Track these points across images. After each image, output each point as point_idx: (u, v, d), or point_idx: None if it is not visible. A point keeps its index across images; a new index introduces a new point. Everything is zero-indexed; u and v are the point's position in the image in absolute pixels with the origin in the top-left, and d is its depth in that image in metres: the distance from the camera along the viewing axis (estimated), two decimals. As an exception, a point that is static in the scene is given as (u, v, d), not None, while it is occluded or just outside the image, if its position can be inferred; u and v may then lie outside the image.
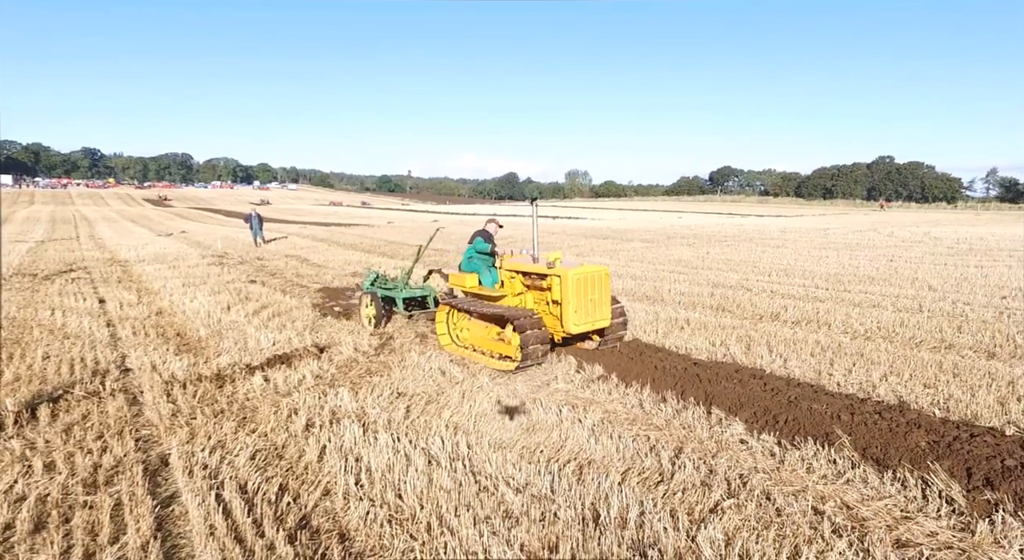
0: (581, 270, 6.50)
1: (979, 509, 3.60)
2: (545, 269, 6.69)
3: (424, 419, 5.10)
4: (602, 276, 6.67)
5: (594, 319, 6.66)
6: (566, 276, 6.38)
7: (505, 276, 7.27)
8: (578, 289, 6.43)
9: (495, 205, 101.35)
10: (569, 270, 6.42)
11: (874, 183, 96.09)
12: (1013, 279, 12.20)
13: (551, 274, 6.60)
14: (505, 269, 7.27)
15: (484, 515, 3.53)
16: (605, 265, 6.88)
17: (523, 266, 7.06)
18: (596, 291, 6.62)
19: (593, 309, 6.62)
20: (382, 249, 21.86)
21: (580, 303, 6.47)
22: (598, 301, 6.65)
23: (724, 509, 3.63)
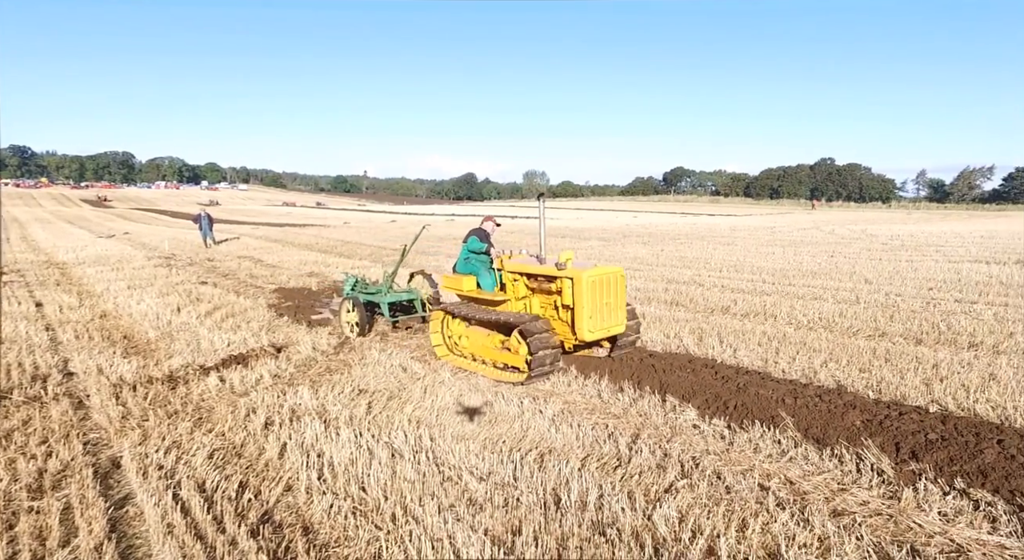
0: (596, 272, 5.92)
1: (905, 478, 3.91)
2: (554, 271, 6.06)
3: (386, 414, 5.12)
4: (617, 278, 6.12)
5: (609, 325, 6.09)
6: (580, 278, 5.80)
7: (507, 279, 6.63)
8: (592, 292, 5.86)
9: (453, 205, 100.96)
10: (583, 272, 5.83)
11: (816, 184, 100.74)
12: (939, 272, 13.09)
13: (561, 276, 6.00)
14: (507, 271, 6.63)
15: (448, 503, 3.61)
16: (619, 266, 6.30)
17: (528, 267, 6.44)
18: (611, 294, 6.05)
19: (608, 314, 6.05)
20: (339, 249, 21.52)
21: (595, 308, 5.90)
22: (613, 305, 6.09)
23: (678, 489, 3.82)
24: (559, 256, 6.06)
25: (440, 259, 17.79)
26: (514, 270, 6.57)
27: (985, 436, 4.44)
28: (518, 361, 6.06)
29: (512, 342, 6.13)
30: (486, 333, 6.60)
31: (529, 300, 6.58)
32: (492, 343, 6.47)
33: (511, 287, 6.60)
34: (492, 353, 6.46)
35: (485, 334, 6.60)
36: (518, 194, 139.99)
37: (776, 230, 30.10)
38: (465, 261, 7.08)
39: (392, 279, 8.72)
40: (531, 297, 6.57)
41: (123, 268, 15.67)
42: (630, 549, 3.18)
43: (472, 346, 6.79)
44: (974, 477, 3.90)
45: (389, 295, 8.48)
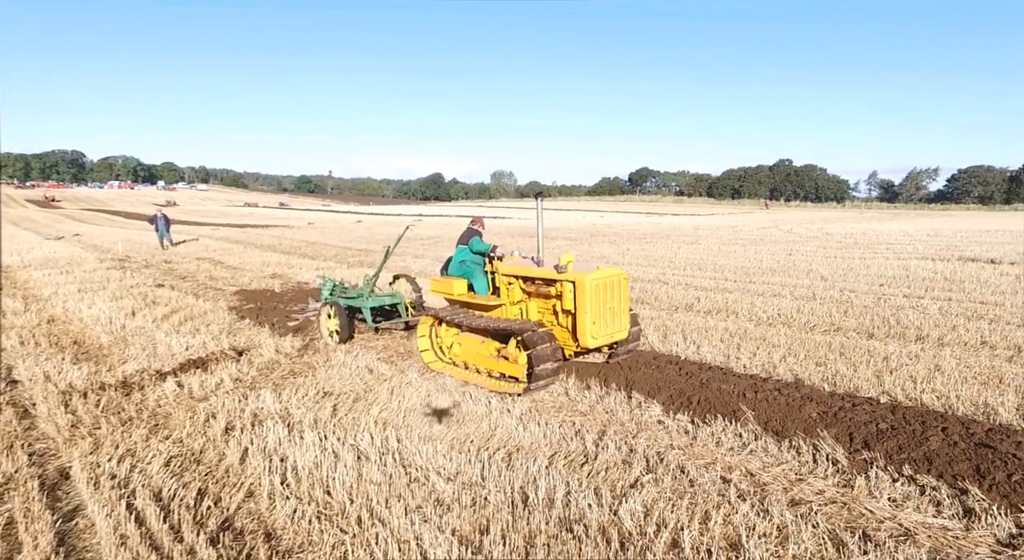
0: (598, 275, 5.65)
1: (858, 467, 4.07)
2: (554, 274, 5.77)
3: (352, 416, 5.05)
4: (620, 281, 5.85)
5: (612, 330, 5.83)
6: (582, 282, 5.53)
7: (502, 282, 6.32)
8: (595, 297, 5.59)
9: (420, 205, 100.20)
10: (586, 275, 5.55)
11: (775, 184, 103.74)
12: (889, 269, 13.66)
13: (562, 280, 5.72)
14: (502, 274, 6.31)
15: (415, 505, 3.58)
16: (621, 268, 6.10)
17: (525, 270, 6.13)
18: (614, 298, 5.79)
19: (612, 319, 5.79)
20: (303, 250, 21.09)
21: (598, 313, 5.64)
22: (617, 310, 5.82)
23: (643, 484, 3.88)
24: (559, 258, 5.75)
25: (407, 260, 17.63)
26: (510, 273, 6.27)
27: (930, 424, 4.66)
28: (517, 370, 5.71)
29: (510, 350, 5.82)
30: (480, 340, 6.22)
31: (525, 305, 6.29)
32: (487, 351, 6.11)
33: (505, 291, 6.31)
34: (487, 362, 6.08)
35: (479, 341, 6.22)
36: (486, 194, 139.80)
37: (737, 229, 30.88)
38: (460, 264, 6.73)
39: (374, 282, 8.30)
40: (527, 301, 6.28)
41: (73, 271, 15.00)
42: (596, 545, 3.22)
43: (465, 354, 6.39)
44: (920, 464, 4.09)
45: (371, 299, 8.04)
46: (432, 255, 18.72)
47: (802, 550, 3.15)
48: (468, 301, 6.50)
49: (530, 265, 6.22)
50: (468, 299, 6.49)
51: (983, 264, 14.18)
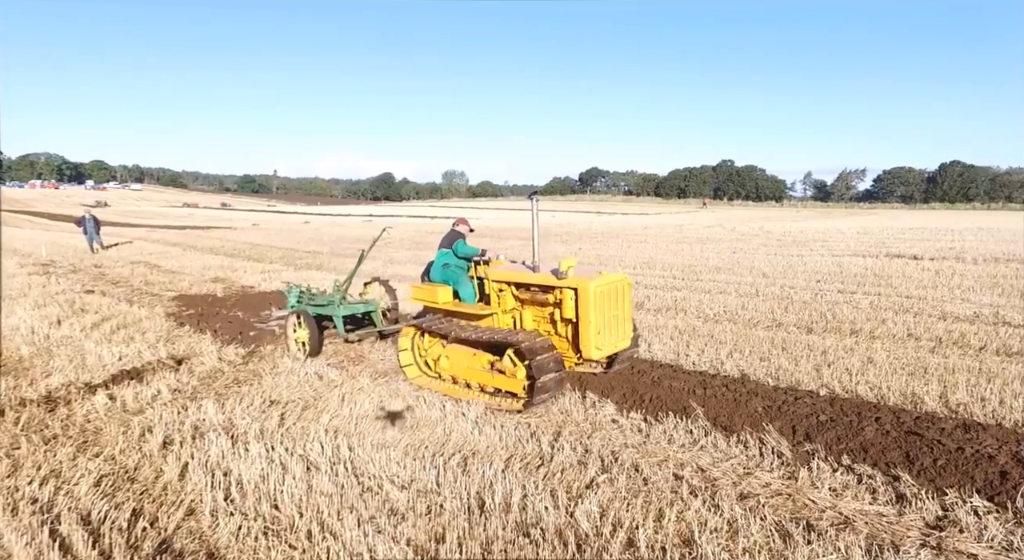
0: (603, 281, 5.27)
1: (801, 459, 4.24)
2: (553, 280, 5.39)
3: (301, 425, 4.87)
4: (624, 287, 5.52)
5: (616, 340, 5.48)
6: (586, 289, 5.15)
7: (492, 289, 5.91)
8: (599, 304, 5.22)
9: (371, 206, 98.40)
10: (590, 281, 5.17)
11: (719, 183, 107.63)
12: (824, 265, 14.38)
13: (562, 287, 5.33)
14: (492, 280, 5.89)
15: (369, 515, 3.48)
16: (624, 273, 5.73)
17: (519, 276, 5.72)
18: (618, 305, 5.45)
19: (616, 327, 5.45)
20: (248, 253, 20.30)
21: (602, 321, 5.27)
22: (621, 317, 5.49)
23: (599, 484, 3.91)
24: (559, 264, 5.35)
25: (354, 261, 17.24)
26: (501, 279, 5.84)
27: (865, 415, 4.92)
28: (514, 385, 5.34)
29: (505, 364, 5.41)
30: (471, 352, 5.76)
31: (518, 313, 5.86)
32: (478, 364, 5.67)
33: (496, 298, 5.88)
34: (479, 376, 5.65)
35: (470, 354, 5.76)
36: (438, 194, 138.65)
37: (684, 228, 31.82)
38: (443, 268, 6.29)
39: (346, 288, 7.73)
40: (520, 310, 5.85)
41: (-11, 276, 13.88)
42: (554, 548, 3.22)
43: (453, 367, 5.91)
44: (857, 453, 4.30)
45: (344, 307, 7.46)
46: (383, 256, 18.38)
47: (751, 543, 3.24)
48: (455, 310, 6.02)
49: (524, 271, 5.78)
50: (454, 307, 6.01)
51: (907, 260, 15.14)
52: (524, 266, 5.95)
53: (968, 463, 4.04)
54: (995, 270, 12.87)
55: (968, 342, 7.08)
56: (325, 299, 7.66)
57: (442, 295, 6.07)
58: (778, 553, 3.15)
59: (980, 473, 3.91)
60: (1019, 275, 12.07)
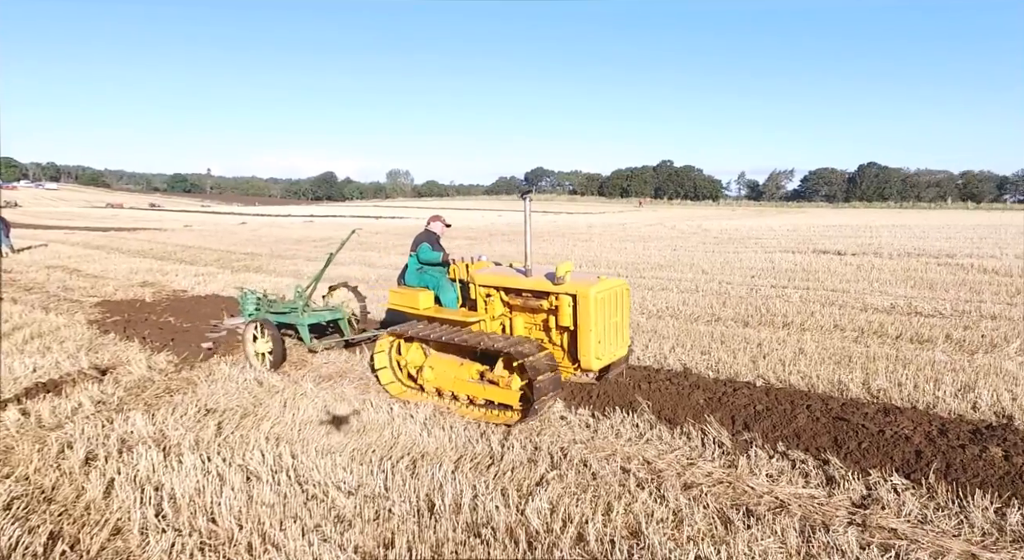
0: (603, 286, 5.00)
1: (740, 447, 4.42)
2: (548, 285, 5.10)
3: (240, 434, 4.66)
4: (623, 292, 5.28)
5: (615, 349, 5.26)
6: (586, 295, 4.87)
7: (479, 294, 5.60)
8: (600, 311, 4.95)
9: (312, 206, 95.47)
10: (590, 287, 4.90)
11: (659, 183, 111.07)
12: (758, 261, 15.09)
13: (559, 292, 5.04)
14: (480, 285, 5.57)
15: (314, 524, 3.37)
16: (623, 279, 5.53)
17: (510, 281, 5.41)
18: (617, 312, 5.21)
19: (615, 335, 5.22)
20: (180, 255, 19.25)
21: (602, 330, 5.01)
22: (620, 325, 5.26)
23: (548, 481, 3.94)
24: (557, 268, 5.05)
25: (298, 263, 16.70)
26: (490, 284, 5.51)
27: (798, 403, 5.19)
28: (508, 397, 5.07)
29: (498, 374, 5.15)
30: (458, 362, 5.49)
31: (508, 320, 5.56)
32: (466, 374, 5.37)
33: (483, 303, 5.58)
34: (468, 387, 5.34)
35: (457, 363, 5.48)
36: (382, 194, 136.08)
37: (627, 226, 32.61)
38: (418, 272, 5.95)
39: (310, 294, 7.24)
40: (510, 316, 5.55)
41: None
42: (505, 547, 3.21)
43: (438, 378, 5.58)
44: (791, 440, 4.53)
45: (309, 315, 6.97)
46: (326, 257, 17.87)
47: (695, 531, 3.35)
48: (438, 316, 5.68)
49: (514, 275, 5.49)
50: (438, 314, 5.69)
51: (832, 255, 16.10)
52: (514, 269, 5.64)
53: (888, 444, 4.33)
54: (908, 264, 13.89)
55: (886, 331, 7.60)
56: (286, 306, 7.17)
57: (423, 300, 5.73)
58: (720, 539, 3.27)
59: (898, 453, 4.20)
60: (928, 269, 13.07)
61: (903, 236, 22.31)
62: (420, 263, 5.93)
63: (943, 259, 14.58)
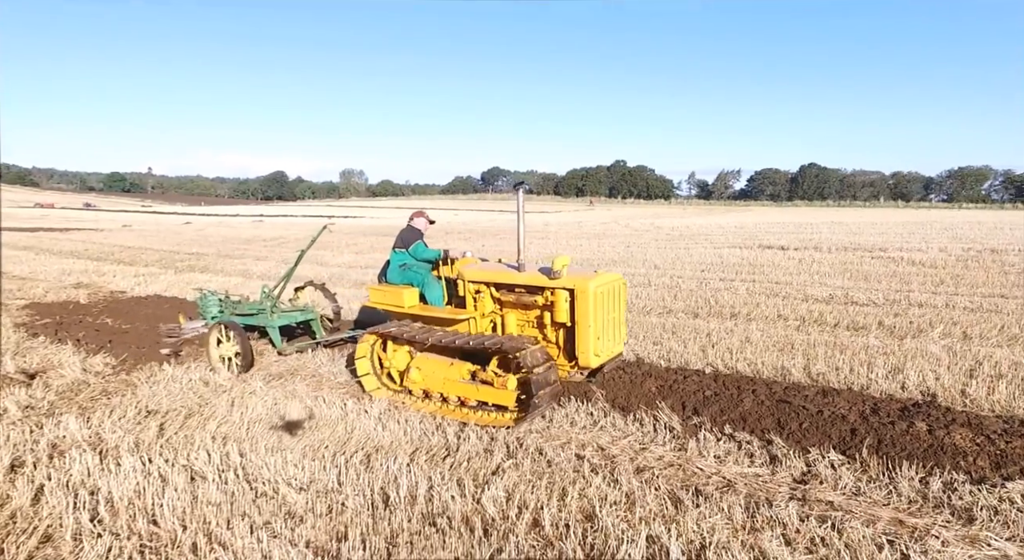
0: (601, 280, 4.89)
1: (689, 431, 4.56)
2: (543, 280, 4.95)
3: (184, 434, 4.48)
4: (620, 287, 5.18)
5: (612, 345, 5.14)
6: (585, 290, 4.74)
7: (467, 290, 5.37)
8: (598, 306, 4.83)
9: (262, 206, 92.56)
10: (588, 281, 4.78)
11: (613, 183, 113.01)
12: (707, 257, 15.58)
13: (555, 287, 4.89)
14: (468, 281, 5.36)
15: (263, 520, 3.28)
16: (618, 273, 5.38)
17: (502, 276, 5.22)
18: (615, 307, 5.10)
19: (613, 331, 5.12)
20: (118, 256, 18.31)
21: (601, 325, 4.90)
22: (617, 320, 5.17)
23: (504, 470, 3.96)
24: (553, 262, 4.86)
25: (247, 262, 16.17)
26: (479, 280, 5.32)
27: (744, 388, 5.39)
28: (504, 398, 4.85)
29: (490, 374, 4.97)
30: (448, 362, 5.24)
31: (500, 317, 5.38)
32: (457, 375, 5.13)
33: (473, 300, 5.37)
34: (460, 388, 5.09)
35: (446, 364, 5.23)
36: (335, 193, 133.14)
37: (582, 225, 33.07)
38: (401, 269, 5.71)
39: (279, 293, 6.87)
40: (501, 313, 5.37)
41: None
42: (460, 535, 3.21)
43: (426, 380, 5.31)
44: (738, 422, 4.70)
45: (279, 316, 6.63)
46: (276, 256, 17.38)
47: (647, 512, 3.43)
48: (424, 314, 5.45)
49: (506, 270, 5.32)
50: (424, 312, 5.45)
51: (776, 250, 16.80)
52: (505, 265, 5.50)
53: (826, 424, 4.55)
54: (844, 257, 14.64)
55: (825, 320, 7.99)
56: (253, 307, 6.81)
57: (408, 298, 5.47)
58: (671, 518, 3.36)
59: (836, 431, 4.43)
60: (863, 262, 13.82)
61: (840, 232, 23.48)
62: (416, 260, 5.68)
63: (876, 253, 15.44)
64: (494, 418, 4.82)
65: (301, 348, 6.77)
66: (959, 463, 3.88)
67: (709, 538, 3.12)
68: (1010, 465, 3.82)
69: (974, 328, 7.26)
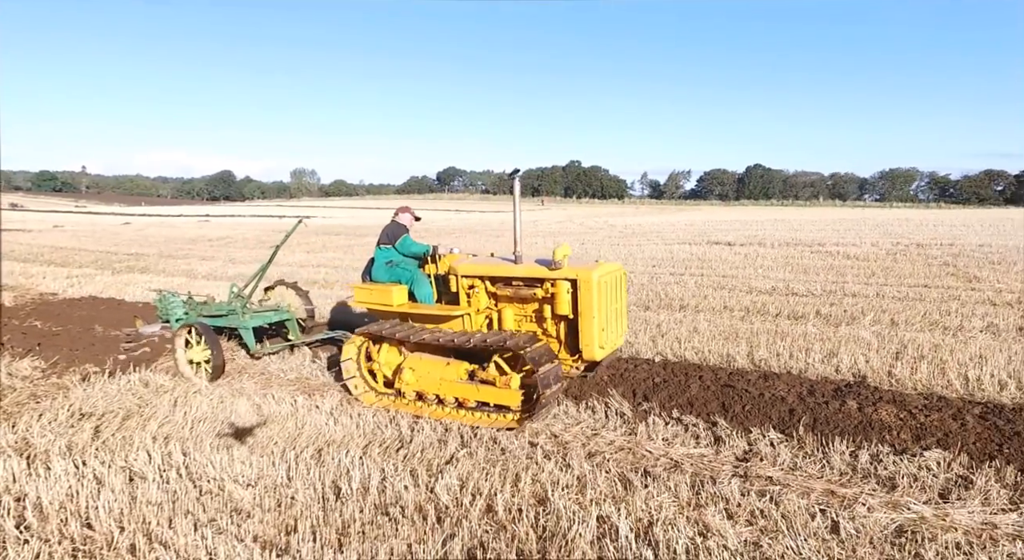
0: (603, 270, 4.74)
1: (639, 416, 4.70)
2: (544, 272, 4.80)
3: (122, 436, 4.29)
4: (621, 278, 5.06)
5: (615, 337, 5.01)
6: (588, 280, 4.60)
7: (460, 286, 5.17)
8: (601, 297, 4.69)
9: (208, 206, 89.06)
10: (592, 270, 4.65)
11: (569, 183, 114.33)
12: (658, 253, 16.00)
13: (556, 278, 4.73)
14: (462, 276, 5.16)
15: (208, 518, 3.18)
16: (618, 263, 5.22)
17: (499, 269, 5.05)
18: (617, 298, 4.97)
19: (615, 323, 4.99)
20: (48, 257, 17.27)
21: (605, 317, 4.75)
22: (619, 311, 5.04)
23: (459, 459, 3.98)
24: (554, 253, 4.73)
25: (192, 262, 15.56)
26: (474, 274, 5.14)
27: (691, 374, 5.58)
28: (507, 397, 4.68)
29: (491, 373, 4.78)
30: (444, 362, 5.02)
31: (495, 312, 5.18)
32: (454, 375, 4.93)
33: (466, 296, 5.17)
34: (458, 389, 4.89)
35: (442, 364, 5.01)
36: (286, 193, 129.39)
37: (538, 223, 33.30)
38: (387, 266, 5.48)
39: (251, 293, 6.56)
40: (496, 308, 5.17)
41: None
42: (413, 523, 3.21)
43: (421, 381, 5.08)
44: (685, 407, 4.87)
45: (252, 317, 6.27)
46: (223, 256, 16.79)
47: (598, 494, 3.52)
48: (414, 312, 5.21)
49: (501, 263, 5.15)
50: (414, 310, 5.21)
51: (723, 246, 17.41)
52: (500, 258, 5.33)
53: (767, 405, 4.77)
54: (787, 252, 15.32)
55: (767, 310, 8.35)
56: (222, 308, 6.48)
57: (397, 296, 5.21)
58: (620, 498, 3.46)
59: (775, 412, 4.65)
60: (803, 256, 14.50)
61: (783, 229, 24.53)
62: (403, 255, 5.47)
63: (815, 247, 16.22)
64: (496, 419, 4.64)
65: (276, 350, 6.45)
66: (885, 437, 4.15)
67: (657, 515, 3.22)
68: (928, 437, 4.11)
69: (900, 315, 7.75)
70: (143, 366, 6.10)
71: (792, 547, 2.91)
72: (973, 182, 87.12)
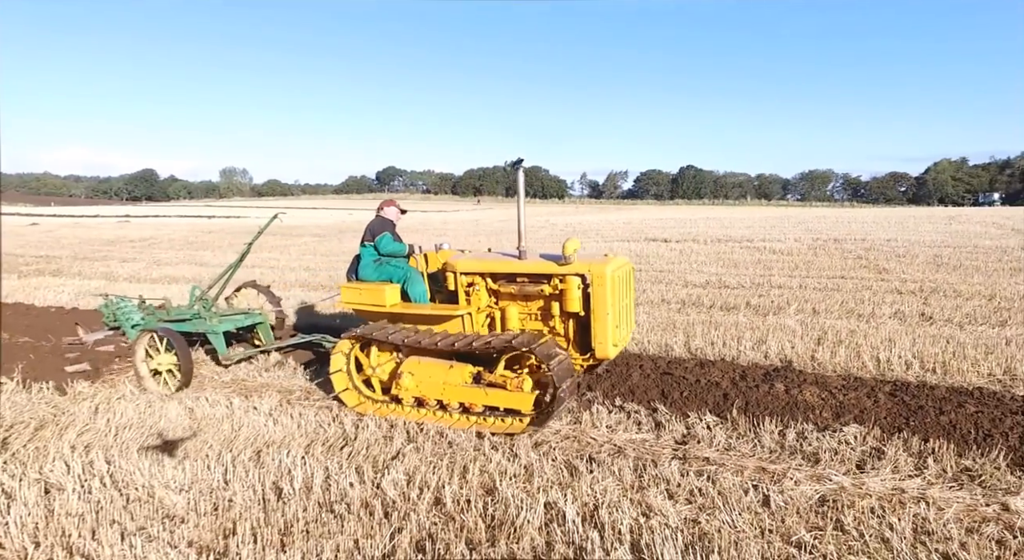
0: (615, 265, 4.57)
1: (583, 406, 4.81)
2: (552, 267, 4.58)
3: (36, 446, 3.97)
4: (630, 273, 4.93)
5: (625, 334, 4.86)
6: (602, 275, 4.40)
7: (460, 283, 4.89)
8: (614, 293, 4.51)
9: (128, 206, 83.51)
10: (604, 265, 4.46)
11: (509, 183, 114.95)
12: (600, 250, 16.05)
13: (566, 274, 4.52)
14: (461, 273, 4.88)
15: (137, 526, 3.00)
16: (625, 258, 5.02)
17: (502, 265, 4.80)
18: (626, 294, 4.84)
19: (626, 319, 4.84)
20: (-61, 259, 15.65)
21: (617, 313, 4.57)
22: (629, 307, 4.91)
23: (405, 454, 3.94)
24: (564, 247, 4.47)
25: (111, 264, 14.56)
26: (474, 271, 4.86)
27: (632, 364, 5.76)
28: (518, 401, 4.45)
29: (500, 376, 4.56)
30: (446, 365, 4.70)
31: (497, 311, 4.93)
32: (459, 378, 4.63)
33: (465, 294, 4.90)
34: (464, 393, 4.59)
35: (445, 367, 4.69)
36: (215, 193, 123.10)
37: (480, 223, 33.32)
38: (376, 264, 5.19)
39: (218, 295, 6.19)
40: (499, 307, 4.92)
41: None
42: (360, 518, 3.15)
43: (422, 386, 4.73)
44: (627, 395, 5.02)
45: (221, 321, 5.89)
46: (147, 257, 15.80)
47: (544, 481, 3.58)
48: (410, 313, 4.92)
49: (504, 259, 4.92)
50: (409, 310, 4.92)
51: (660, 242, 18.04)
52: (501, 254, 5.11)
53: (703, 391, 5.00)
54: (718, 248, 16.06)
55: (702, 302, 8.73)
56: (184, 312, 6.06)
57: (390, 295, 4.90)
58: (567, 485, 3.53)
59: (711, 397, 4.87)
60: (733, 251, 15.24)
61: (715, 226, 25.68)
62: (380, 254, 5.20)
63: (744, 243, 17.09)
64: (508, 424, 4.40)
65: (249, 356, 6.06)
66: (809, 415, 4.44)
67: (602, 499, 3.31)
68: (847, 414, 4.43)
69: (821, 304, 8.30)
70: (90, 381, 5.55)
71: (728, 521, 3.07)
72: (880, 183, 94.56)
